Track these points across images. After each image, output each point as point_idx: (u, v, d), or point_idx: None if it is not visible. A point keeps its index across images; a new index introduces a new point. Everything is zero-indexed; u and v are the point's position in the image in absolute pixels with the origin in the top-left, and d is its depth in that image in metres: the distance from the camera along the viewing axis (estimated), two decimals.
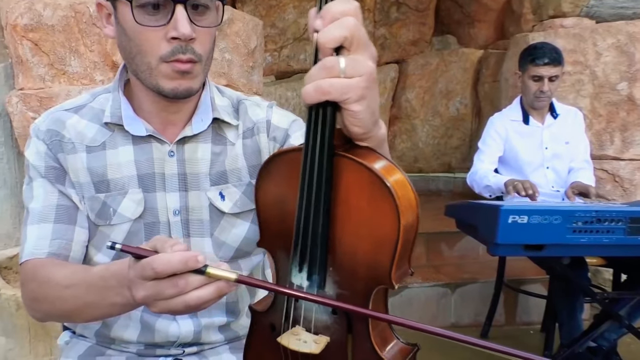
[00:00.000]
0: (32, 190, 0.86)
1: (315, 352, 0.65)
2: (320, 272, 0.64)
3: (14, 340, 2.18)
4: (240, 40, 2.45)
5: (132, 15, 0.73)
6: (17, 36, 2.19)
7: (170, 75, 0.76)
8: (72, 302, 0.74)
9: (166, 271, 0.57)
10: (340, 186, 0.62)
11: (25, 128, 2.24)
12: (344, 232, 0.63)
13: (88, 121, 0.87)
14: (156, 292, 0.58)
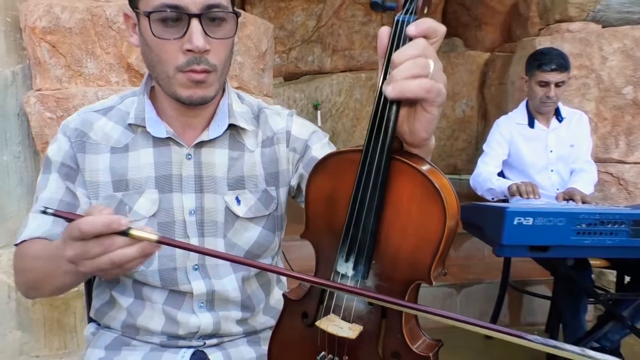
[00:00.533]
0: (45, 181, 0.91)
1: (351, 337, 0.70)
2: (366, 263, 0.69)
3: (29, 334, 2.24)
4: (251, 44, 2.50)
5: (149, 29, 0.78)
6: (35, 38, 2.24)
7: (185, 84, 0.81)
8: (37, 272, 0.81)
9: (91, 231, 0.61)
10: (393, 187, 0.67)
11: (42, 128, 2.29)
12: (392, 229, 0.68)
13: (114, 123, 0.92)
14: (83, 251, 0.63)
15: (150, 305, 0.93)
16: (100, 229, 0.61)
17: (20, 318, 2.21)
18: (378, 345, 0.73)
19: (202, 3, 0.77)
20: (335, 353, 0.75)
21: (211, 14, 0.79)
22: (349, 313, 0.73)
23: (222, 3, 0.80)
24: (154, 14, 0.77)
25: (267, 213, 0.95)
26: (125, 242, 0.63)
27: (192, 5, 0.77)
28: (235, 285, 0.94)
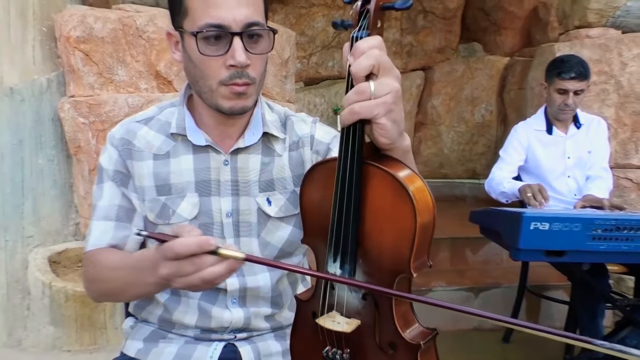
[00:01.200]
0: (100, 191, 0.99)
1: (346, 331, 0.76)
2: (351, 262, 0.75)
3: (62, 329, 2.33)
4: (274, 51, 2.56)
5: (196, 47, 0.85)
6: (69, 47, 2.35)
7: (228, 96, 0.88)
8: (117, 282, 0.88)
9: (184, 252, 0.68)
10: (368, 190, 0.73)
11: (75, 132, 2.40)
12: (371, 228, 0.74)
13: (156, 132, 0.99)
14: (176, 270, 0.70)
15: (185, 300, 1.00)
16: (194, 250, 0.68)
17: (53, 314, 2.31)
18: (375, 337, 0.78)
19: (243, 22, 0.84)
20: (337, 347, 0.80)
21: (251, 31, 0.86)
22: (346, 309, 0.78)
23: (260, 21, 0.87)
24: (200, 34, 0.84)
25: (296, 212, 1.01)
26: (215, 261, 0.69)
27: (234, 24, 0.84)
28: (268, 282, 1.01)
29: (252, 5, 0.85)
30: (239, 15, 0.83)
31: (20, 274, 2.37)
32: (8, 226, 2.38)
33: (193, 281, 0.70)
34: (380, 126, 0.67)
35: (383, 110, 0.66)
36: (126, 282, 0.86)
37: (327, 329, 0.78)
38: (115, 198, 0.98)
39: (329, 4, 4.90)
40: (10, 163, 2.39)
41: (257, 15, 0.86)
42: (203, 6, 0.84)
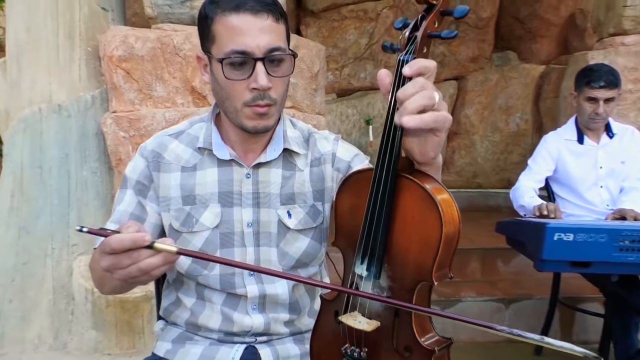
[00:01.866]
0: (122, 195, 1.07)
1: (366, 329, 0.82)
2: (377, 265, 0.81)
3: (103, 333, 2.45)
4: (304, 65, 2.65)
5: (222, 71, 0.92)
6: (112, 66, 2.50)
7: (251, 117, 0.95)
8: (96, 275, 0.96)
9: (119, 248, 0.72)
10: (400, 200, 0.79)
11: (116, 146, 2.53)
12: (399, 236, 0.80)
13: (185, 146, 1.07)
14: (115, 263, 0.74)
15: (210, 305, 1.07)
16: (128, 246, 0.73)
17: (95, 319, 2.43)
18: (392, 339, 0.83)
19: (265, 47, 0.91)
20: (356, 345, 0.86)
21: (272, 56, 0.92)
22: (368, 310, 0.84)
23: (281, 46, 0.93)
24: (226, 60, 0.91)
25: (314, 225, 1.07)
26: (151, 254, 0.74)
27: (256, 50, 0.91)
28: (285, 289, 1.07)
29: (273, 32, 0.92)
30: (261, 42, 0.90)
31: (65, 280, 2.50)
32: (55, 235, 2.52)
33: (132, 272, 0.75)
34: (438, 140, 0.73)
35: (447, 126, 0.72)
36: (100, 275, 0.93)
37: (348, 326, 0.84)
38: (130, 206, 1.05)
39: (361, 17, 4.97)
40: (57, 175, 2.54)
41: (278, 41, 0.93)
42: (229, 34, 0.91)
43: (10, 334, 2.44)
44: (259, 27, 0.90)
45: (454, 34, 0.79)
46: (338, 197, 0.90)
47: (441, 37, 0.79)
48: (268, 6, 0.92)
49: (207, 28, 0.95)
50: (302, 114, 2.58)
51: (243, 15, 0.90)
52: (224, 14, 0.91)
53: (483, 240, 3.03)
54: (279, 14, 0.94)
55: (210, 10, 0.94)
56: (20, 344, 2.44)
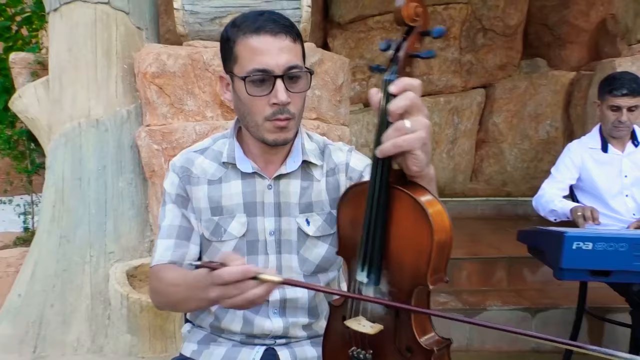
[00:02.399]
0: (164, 212, 1.15)
1: (370, 333, 0.87)
2: (376, 271, 0.87)
3: (137, 337, 2.55)
4: (329, 78, 2.73)
5: (244, 88, 1.00)
6: (146, 82, 2.63)
7: (272, 130, 1.03)
8: (176, 296, 1.02)
9: (230, 280, 0.80)
10: (394, 211, 0.85)
11: (150, 158, 2.66)
12: (395, 243, 0.86)
13: (210, 161, 1.15)
14: (224, 293, 0.82)
15: (232, 310, 1.14)
16: (238, 278, 0.80)
17: (130, 323, 2.54)
18: (394, 341, 0.88)
19: (284, 65, 0.99)
20: (362, 347, 0.91)
21: (291, 73, 1.00)
22: (371, 314, 0.90)
23: (298, 64, 1.01)
24: (248, 78, 0.99)
25: (332, 232, 1.13)
26: (256, 284, 0.81)
27: (276, 69, 0.98)
28: (305, 294, 1.13)
29: (291, 51, 1.00)
30: (280, 61, 0.98)
31: (102, 286, 2.63)
32: (93, 243, 2.66)
33: (237, 302, 0.82)
34: (415, 156, 0.79)
35: (419, 144, 0.77)
36: (183, 298, 0.99)
37: (353, 330, 0.89)
38: (176, 219, 1.13)
39: (387, 28, 5.02)
40: (95, 186, 2.68)
41: (296, 60, 1.00)
42: (250, 54, 0.99)
43: (51, 337, 2.57)
44: (278, 47, 0.98)
45: (432, 54, 0.84)
46: (339, 210, 0.96)
47: (420, 57, 0.85)
48: (286, 28, 1.00)
49: (229, 50, 1.03)
50: (326, 125, 2.65)
51: (263, 36, 0.98)
52: (245, 36, 0.99)
53: (509, 249, 3.03)
54: (295, 35, 1.02)
55: (233, 33, 1.02)
56: (60, 347, 2.56)
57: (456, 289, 2.93)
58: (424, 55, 0.84)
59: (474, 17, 5.03)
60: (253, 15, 1.01)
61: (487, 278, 3.01)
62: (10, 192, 3.67)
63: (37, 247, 2.71)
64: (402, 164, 0.82)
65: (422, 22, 0.84)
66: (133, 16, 2.80)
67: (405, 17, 0.82)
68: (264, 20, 0.99)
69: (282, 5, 2.70)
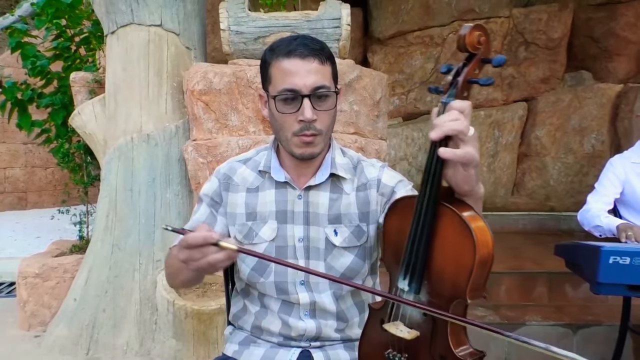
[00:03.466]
0: (198, 207, 1.27)
1: (407, 338, 0.93)
2: (418, 281, 0.93)
3: (182, 342, 2.66)
4: (367, 93, 2.80)
5: (275, 106, 1.10)
6: (193, 99, 2.77)
7: (299, 145, 1.11)
8: (172, 268, 1.16)
9: (193, 243, 0.91)
10: (439, 225, 0.91)
11: (196, 171, 2.79)
12: (438, 256, 0.91)
13: (250, 170, 1.25)
14: (189, 256, 0.93)
15: (271, 312, 1.21)
16: (200, 241, 0.91)
17: (175, 329, 2.66)
18: (430, 348, 0.93)
19: (311, 86, 1.07)
20: (397, 350, 0.97)
21: (318, 93, 1.08)
22: (409, 320, 0.95)
23: (325, 84, 1.09)
24: (278, 96, 1.09)
25: (358, 244, 1.19)
26: (217, 250, 0.92)
27: (304, 89, 1.07)
28: (330, 299, 1.19)
29: (319, 73, 1.08)
30: (308, 82, 1.07)
31: (150, 292, 2.77)
32: (142, 251, 2.81)
33: (201, 265, 0.93)
34: (469, 175, 0.85)
35: (476, 162, 0.85)
36: (177, 267, 1.12)
37: (391, 333, 0.95)
38: (203, 215, 1.25)
39: (427, 42, 5.06)
40: (145, 198, 2.84)
41: (323, 80, 1.09)
42: (281, 76, 1.08)
43: (103, 340, 2.72)
44: (306, 69, 1.07)
45: (491, 82, 0.89)
46: (387, 219, 1.03)
47: (479, 84, 0.90)
48: (315, 51, 1.08)
49: (265, 71, 1.14)
50: (364, 140, 2.72)
51: (293, 59, 1.07)
52: (278, 59, 1.09)
53: (550, 264, 2.98)
54: (325, 57, 1.10)
55: (269, 56, 1.12)
56: (111, 350, 2.71)
57: (495, 303, 2.91)
58: (482, 82, 0.89)
59: (515, 31, 5.01)
60: (288, 40, 1.11)
61: (526, 293, 2.97)
62: (67, 203, 3.91)
63: (92, 255, 2.89)
64: (453, 182, 0.88)
65: (483, 50, 0.89)
66: (183, 37, 2.97)
67: (468, 45, 0.88)
68: (296, 44, 1.08)
69: (322, 24, 2.81)
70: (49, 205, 8.19)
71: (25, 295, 3.01)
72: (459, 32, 0.88)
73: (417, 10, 4.99)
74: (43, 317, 3.01)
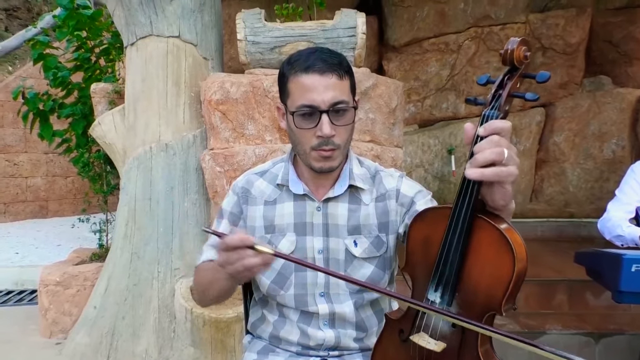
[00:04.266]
0: (217, 224, 1.27)
1: (437, 350, 0.92)
2: (450, 293, 0.92)
3: (200, 350, 2.67)
4: (382, 102, 2.80)
5: (294, 121, 1.10)
6: (211, 108, 2.80)
7: (317, 159, 1.12)
8: (205, 280, 1.16)
9: (232, 244, 0.92)
10: (474, 237, 0.90)
11: (213, 180, 2.82)
12: (473, 269, 0.90)
13: (268, 183, 1.25)
14: (226, 259, 0.94)
15: (289, 322, 1.22)
16: (237, 243, 0.92)
17: (193, 336, 2.67)
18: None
19: (330, 101, 1.07)
20: None
21: (336, 108, 1.09)
22: (435, 332, 0.94)
23: (344, 99, 1.09)
24: (296, 112, 1.09)
25: (378, 254, 1.19)
26: (253, 254, 0.93)
27: (322, 104, 1.07)
28: (351, 309, 1.19)
29: (337, 88, 1.08)
30: (326, 97, 1.07)
31: (168, 300, 2.79)
32: (160, 260, 2.83)
33: (238, 267, 0.93)
34: (505, 191, 0.86)
35: (512, 179, 0.85)
36: (210, 279, 1.13)
37: (419, 345, 0.94)
38: (225, 230, 1.24)
39: (443, 49, 5.06)
40: (163, 207, 2.87)
41: (342, 96, 1.09)
42: (300, 91, 1.09)
43: (122, 348, 2.75)
44: (324, 85, 1.07)
45: (537, 98, 0.89)
46: (412, 228, 1.02)
47: (525, 98, 0.90)
48: (333, 66, 1.08)
49: (284, 84, 1.14)
50: (380, 147, 2.72)
51: (312, 75, 1.08)
52: (296, 74, 1.09)
53: (570, 272, 2.94)
54: (343, 72, 1.10)
55: (287, 70, 1.12)
56: (130, 357, 2.73)
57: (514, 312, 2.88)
58: (528, 97, 0.89)
59: (532, 36, 4.98)
60: (306, 54, 1.11)
61: (546, 301, 2.93)
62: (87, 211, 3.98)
63: (111, 263, 2.92)
64: (488, 196, 0.88)
65: (527, 64, 0.91)
66: (200, 48, 3.01)
67: (515, 59, 0.89)
68: (314, 59, 1.09)
69: (338, 33, 2.82)
70: (69, 213, 8.34)
71: (47, 302, 3.06)
72: (506, 46, 0.89)
73: (433, 17, 5.00)
74: (64, 325, 3.06)
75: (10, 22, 9.65)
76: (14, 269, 4.51)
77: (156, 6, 2.88)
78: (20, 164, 7.79)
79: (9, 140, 7.65)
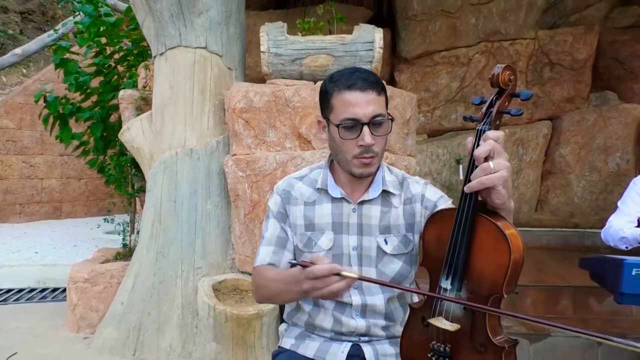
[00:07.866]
0: (267, 224, 1.41)
1: (452, 330, 1.08)
2: (459, 280, 1.08)
3: (222, 346, 2.79)
4: (397, 113, 2.95)
5: (338, 133, 1.25)
6: (234, 116, 2.96)
7: (358, 166, 1.26)
8: (273, 289, 1.26)
9: (320, 275, 1.02)
10: (477, 232, 1.07)
11: (235, 184, 2.97)
12: (477, 259, 1.07)
13: (307, 186, 1.40)
14: (314, 286, 1.04)
15: (324, 310, 1.36)
16: (326, 273, 1.03)
17: (215, 332, 2.80)
18: (470, 338, 1.08)
19: (370, 115, 1.22)
20: (442, 342, 1.11)
21: (375, 121, 1.23)
22: (450, 315, 1.10)
23: (382, 113, 1.24)
24: (341, 125, 1.24)
25: (406, 251, 1.34)
26: (338, 279, 1.03)
27: (363, 117, 1.22)
28: (382, 301, 1.34)
29: (376, 103, 1.23)
30: (367, 111, 1.22)
31: (191, 298, 2.92)
32: (184, 259, 2.98)
33: (324, 293, 1.05)
34: (497, 192, 1.02)
35: (500, 181, 1.01)
36: (279, 290, 1.24)
37: (436, 327, 1.10)
38: (276, 230, 1.39)
39: (453, 62, 5.21)
40: (187, 209, 3.02)
41: (380, 109, 1.24)
42: (344, 106, 1.24)
43: (148, 342, 2.89)
44: (365, 100, 1.22)
45: (521, 112, 1.07)
46: (426, 229, 1.18)
47: (511, 114, 1.08)
48: (372, 84, 1.24)
49: (327, 100, 1.29)
50: (394, 156, 2.86)
51: (354, 92, 1.23)
52: (340, 91, 1.24)
53: (575, 278, 3.06)
54: (380, 89, 1.25)
55: (330, 88, 1.27)
56: (155, 352, 2.87)
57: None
58: (514, 113, 1.07)
59: (540, 52, 5.13)
60: (347, 74, 1.26)
61: (551, 306, 3.05)
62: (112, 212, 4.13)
63: (138, 261, 3.07)
64: (487, 198, 1.05)
65: (512, 86, 1.08)
66: (225, 58, 3.17)
67: (500, 82, 1.07)
68: (355, 78, 1.24)
69: (356, 47, 2.98)
70: (82, 215, 8.53)
71: (75, 299, 3.21)
72: (493, 71, 1.07)
73: (444, 31, 5.16)
74: (91, 320, 3.20)
75: (25, 25, 9.87)
76: (35, 268, 4.67)
77: (185, 19, 3.05)
78: (36, 165, 7.98)
79: (27, 142, 7.85)
